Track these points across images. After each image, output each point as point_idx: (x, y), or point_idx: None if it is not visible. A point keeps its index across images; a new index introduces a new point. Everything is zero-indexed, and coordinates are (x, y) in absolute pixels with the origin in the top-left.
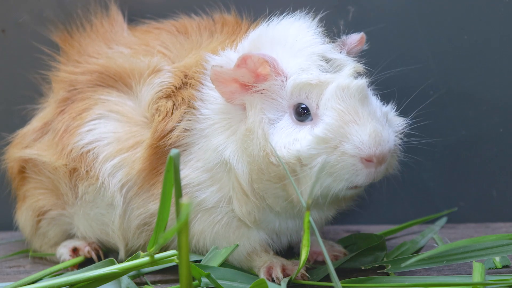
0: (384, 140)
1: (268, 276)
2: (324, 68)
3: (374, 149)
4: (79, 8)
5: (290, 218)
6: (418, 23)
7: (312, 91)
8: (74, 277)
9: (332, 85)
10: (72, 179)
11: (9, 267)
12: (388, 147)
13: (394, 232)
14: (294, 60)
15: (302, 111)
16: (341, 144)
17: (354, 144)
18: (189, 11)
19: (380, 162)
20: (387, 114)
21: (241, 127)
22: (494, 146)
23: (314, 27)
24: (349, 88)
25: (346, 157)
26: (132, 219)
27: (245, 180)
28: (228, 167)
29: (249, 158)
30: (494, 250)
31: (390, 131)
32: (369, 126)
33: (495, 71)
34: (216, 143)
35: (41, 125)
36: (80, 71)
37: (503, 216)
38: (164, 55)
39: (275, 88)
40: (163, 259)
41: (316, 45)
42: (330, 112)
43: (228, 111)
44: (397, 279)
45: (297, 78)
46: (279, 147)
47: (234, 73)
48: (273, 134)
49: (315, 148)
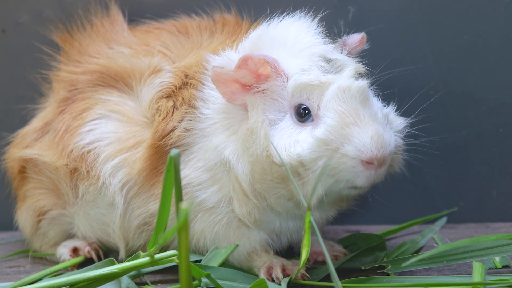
0: (386, 143)
1: (268, 276)
2: (325, 68)
3: (376, 152)
4: (79, 8)
5: (290, 219)
6: (418, 23)
7: (313, 91)
8: (74, 277)
9: (333, 86)
10: (72, 179)
11: (9, 267)
12: (389, 149)
13: (394, 232)
14: (295, 61)
15: (303, 112)
16: (342, 146)
17: (356, 146)
18: (190, 11)
19: (381, 165)
20: (388, 115)
21: (242, 126)
22: (494, 146)
23: (314, 27)
24: (350, 90)
25: (347, 159)
26: (132, 219)
27: (245, 180)
28: (228, 167)
29: (251, 158)
30: (494, 250)
31: (391, 133)
32: (371, 129)
33: (495, 71)
34: (216, 142)
35: (42, 125)
36: (81, 71)
37: (503, 216)
38: (164, 55)
39: (276, 88)
40: (163, 259)
41: (317, 46)
42: (331, 114)
43: (229, 111)
44: (397, 279)
45: (298, 78)
46: (280, 149)
47: (235, 74)
48: (274, 135)
49: (316, 151)
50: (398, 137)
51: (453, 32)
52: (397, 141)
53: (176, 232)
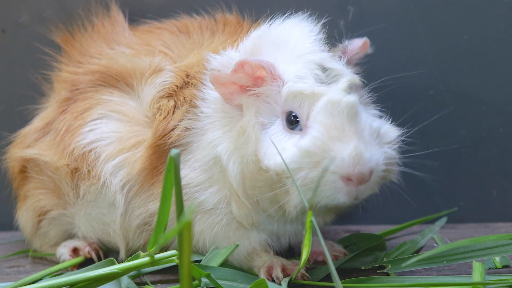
0: (365, 160)
1: (268, 276)
2: (320, 77)
3: (352, 168)
4: (80, 9)
5: (288, 222)
6: (418, 23)
7: (305, 101)
8: (74, 277)
9: (324, 99)
10: (73, 179)
11: (9, 267)
12: (368, 167)
13: (394, 232)
14: (292, 66)
15: (293, 120)
16: (323, 160)
17: (335, 162)
18: (191, 11)
19: (360, 182)
20: (379, 129)
21: (236, 125)
22: (494, 146)
23: (315, 32)
24: (340, 104)
25: (327, 173)
26: (132, 218)
27: (237, 182)
28: (221, 165)
29: (241, 159)
30: (494, 250)
31: (375, 150)
32: (351, 145)
33: (495, 71)
34: (211, 137)
35: (43, 125)
36: (82, 71)
37: (503, 216)
38: (165, 54)
39: (271, 92)
40: (163, 259)
41: (314, 53)
42: (318, 126)
43: (228, 110)
44: (397, 279)
45: (292, 86)
46: (265, 154)
47: (231, 77)
48: (264, 139)
49: (298, 162)
50: (390, 150)
51: (453, 32)
52: (388, 154)
53: (176, 234)
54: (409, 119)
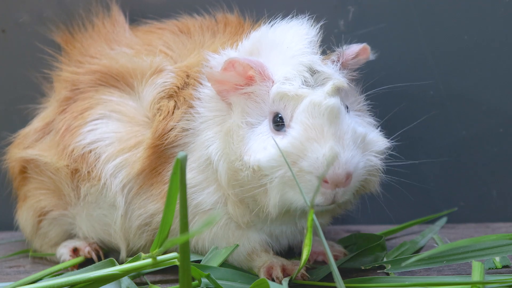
0: (340, 163)
1: (268, 276)
2: (307, 80)
3: (326, 169)
4: (80, 9)
5: (283, 223)
6: (418, 23)
7: (290, 102)
8: (74, 278)
9: (306, 100)
10: (74, 180)
11: (9, 267)
12: (344, 170)
13: (394, 232)
14: (283, 68)
15: (279, 121)
16: (299, 160)
17: (309, 162)
18: (192, 11)
19: (336, 184)
20: (364, 136)
21: (226, 124)
22: (494, 146)
23: (311, 35)
24: (320, 106)
25: (303, 173)
26: (133, 219)
27: (225, 181)
28: (213, 165)
29: (228, 158)
30: (494, 250)
31: (353, 154)
32: (327, 146)
33: (495, 71)
34: (205, 137)
35: (43, 125)
36: (83, 71)
37: (503, 216)
38: (166, 55)
39: (261, 92)
40: (164, 261)
41: (305, 55)
42: (298, 126)
43: (221, 109)
44: (397, 279)
45: (279, 87)
46: (247, 151)
47: (221, 75)
48: (250, 138)
49: (275, 160)
50: (375, 158)
51: (453, 32)
52: (370, 162)
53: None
54: (409, 119)
